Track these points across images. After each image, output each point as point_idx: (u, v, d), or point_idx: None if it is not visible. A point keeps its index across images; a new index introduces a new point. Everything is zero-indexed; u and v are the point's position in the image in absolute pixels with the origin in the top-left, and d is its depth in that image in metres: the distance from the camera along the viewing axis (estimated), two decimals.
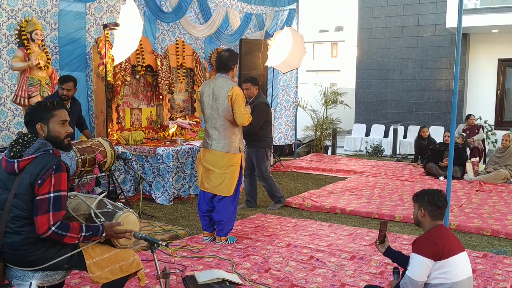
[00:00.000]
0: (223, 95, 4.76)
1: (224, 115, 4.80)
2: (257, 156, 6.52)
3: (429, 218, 3.00)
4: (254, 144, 6.52)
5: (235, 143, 4.89)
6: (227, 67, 4.90)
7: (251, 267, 4.28)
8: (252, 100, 6.40)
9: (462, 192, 7.78)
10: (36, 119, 2.77)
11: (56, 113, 2.80)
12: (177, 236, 5.18)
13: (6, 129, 6.75)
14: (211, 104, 4.83)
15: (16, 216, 2.63)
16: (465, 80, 13.68)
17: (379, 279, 4.05)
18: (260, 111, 6.26)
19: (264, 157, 6.53)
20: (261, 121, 6.33)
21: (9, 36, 6.59)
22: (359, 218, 6.23)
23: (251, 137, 6.41)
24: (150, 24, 8.46)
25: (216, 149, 4.84)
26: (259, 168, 6.55)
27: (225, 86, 4.79)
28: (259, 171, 6.56)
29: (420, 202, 3.04)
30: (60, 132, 2.80)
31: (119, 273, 2.87)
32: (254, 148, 6.54)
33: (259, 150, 6.51)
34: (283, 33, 9.55)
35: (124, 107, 7.94)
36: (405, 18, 14.28)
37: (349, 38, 36.77)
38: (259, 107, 6.29)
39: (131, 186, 7.03)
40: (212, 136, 4.87)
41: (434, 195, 3.01)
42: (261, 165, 6.53)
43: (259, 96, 6.48)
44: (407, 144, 13.50)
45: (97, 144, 5.61)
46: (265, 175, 6.58)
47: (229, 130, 4.85)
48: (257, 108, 6.24)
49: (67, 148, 2.88)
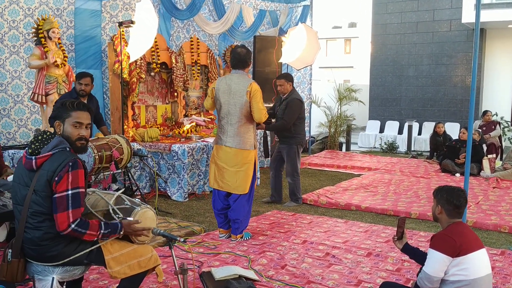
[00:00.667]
0: (242, 91, 4.76)
1: (242, 111, 4.80)
2: (288, 153, 6.51)
3: (446, 216, 2.97)
4: (286, 141, 6.51)
5: (250, 140, 4.90)
6: (245, 63, 4.90)
7: (267, 264, 4.29)
8: (286, 96, 6.44)
9: (479, 189, 7.71)
10: (56, 117, 2.81)
11: (72, 114, 2.78)
12: (193, 232, 5.20)
13: (24, 126, 6.83)
14: (228, 100, 4.83)
15: (36, 211, 2.66)
16: (481, 76, 13.54)
17: (396, 276, 4.04)
18: (293, 107, 6.30)
19: (295, 154, 6.51)
20: (294, 117, 6.34)
21: (26, 34, 6.67)
22: (375, 215, 6.20)
23: (284, 133, 6.45)
24: (164, 21, 8.50)
25: (231, 145, 4.84)
26: (291, 165, 6.53)
27: (243, 82, 4.80)
28: (290, 168, 6.55)
29: (438, 199, 3.01)
30: (72, 133, 2.77)
31: (137, 268, 2.89)
32: (286, 145, 6.52)
33: (291, 147, 6.49)
34: (297, 29, 9.51)
35: (139, 104, 7.98)
36: (420, 14, 14.16)
37: (363, 34, 36.57)
38: (293, 103, 6.32)
39: (147, 183, 7.08)
40: (227, 133, 4.86)
41: (453, 193, 2.97)
42: (293, 162, 6.51)
43: (293, 92, 6.49)
44: (422, 140, 13.39)
45: (113, 141, 5.65)
46: (294, 173, 6.56)
47: (245, 127, 4.85)
48: (290, 104, 6.30)
49: (79, 151, 2.82)
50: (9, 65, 6.60)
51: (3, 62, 6.54)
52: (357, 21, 41.65)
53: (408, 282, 3.86)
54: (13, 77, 6.66)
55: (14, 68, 6.65)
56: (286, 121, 6.22)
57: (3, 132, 6.63)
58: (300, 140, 6.59)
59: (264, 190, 7.57)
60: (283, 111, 6.36)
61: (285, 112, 6.33)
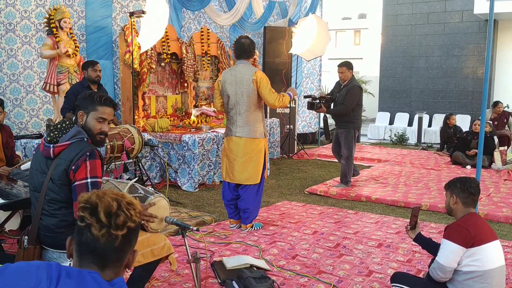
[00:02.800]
0: (248, 80, 4.77)
1: (249, 99, 4.81)
2: (346, 137, 6.82)
3: (461, 205, 2.96)
4: (344, 125, 6.84)
5: (260, 129, 4.90)
6: (249, 53, 4.93)
7: (278, 254, 4.31)
8: (346, 83, 6.78)
9: (490, 181, 7.67)
10: (81, 106, 2.78)
11: (99, 108, 2.77)
12: (204, 222, 5.23)
13: (36, 116, 6.88)
14: (235, 90, 4.84)
15: (52, 199, 2.68)
16: (493, 68, 13.41)
17: (407, 267, 4.04)
18: (353, 94, 6.66)
19: (353, 138, 6.85)
20: (354, 103, 6.69)
21: (38, 25, 6.69)
22: (385, 206, 6.20)
23: (343, 118, 6.80)
24: (176, 12, 8.49)
25: (241, 135, 4.85)
26: (347, 148, 6.84)
27: (248, 70, 4.82)
28: (346, 151, 6.85)
29: (452, 189, 3.01)
30: (95, 127, 2.77)
31: (151, 256, 2.92)
32: (344, 129, 6.85)
33: (349, 131, 6.82)
34: (307, 20, 9.47)
35: (150, 94, 8.00)
36: (431, 4, 14.01)
37: (373, 25, 36.32)
38: (353, 89, 6.68)
39: (157, 173, 7.11)
40: (237, 123, 4.87)
41: (466, 182, 2.98)
42: (349, 145, 6.84)
43: (353, 79, 6.84)
44: (432, 132, 13.31)
45: (125, 131, 5.67)
46: (349, 156, 6.89)
47: (254, 115, 4.86)
48: (351, 91, 6.66)
49: (98, 144, 2.83)
50: (21, 55, 6.64)
51: (15, 52, 6.58)
52: (367, 12, 41.32)
53: (419, 273, 3.86)
54: (25, 67, 6.69)
55: (26, 58, 6.69)
56: (347, 106, 6.61)
57: (15, 122, 6.68)
58: (358, 125, 6.94)
59: (274, 181, 7.58)
60: (344, 97, 6.70)
61: (346, 98, 6.66)
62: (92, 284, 1.35)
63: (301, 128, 11.68)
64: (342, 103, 6.69)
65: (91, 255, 1.42)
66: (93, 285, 1.35)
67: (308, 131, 11.94)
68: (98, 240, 1.39)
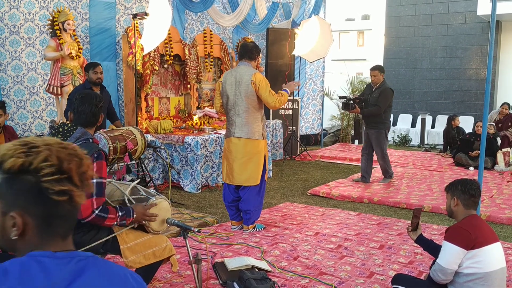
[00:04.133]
0: (246, 80, 4.80)
1: (248, 100, 4.83)
2: (378, 137, 7.20)
3: (462, 207, 2.97)
4: (375, 126, 7.19)
5: (258, 130, 4.92)
6: (251, 54, 4.96)
7: (280, 255, 4.32)
8: (378, 86, 7.13)
9: (492, 182, 7.66)
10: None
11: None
12: (206, 223, 5.24)
13: (39, 118, 6.91)
14: (234, 91, 4.87)
15: None
16: (496, 69, 13.37)
17: (408, 268, 4.04)
18: (386, 96, 7.03)
19: (384, 138, 7.25)
20: (386, 104, 7.07)
21: (41, 27, 6.73)
22: (387, 208, 6.20)
23: (375, 118, 7.14)
24: (178, 13, 8.51)
25: (240, 136, 4.87)
26: (380, 148, 7.25)
27: (248, 72, 4.85)
28: (380, 151, 7.27)
29: (452, 191, 3.01)
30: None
31: (152, 258, 2.93)
32: (375, 130, 7.21)
33: (380, 131, 7.19)
34: (310, 21, 9.48)
35: (153, 96, 8.02)
36: (434, 6, 14.00)
37: (376, 26, 36.25)
38: (386, 91, 7.05)
39: (160, 174, 7.13)
40: (235, 124, 4.89)
41: (467, 184, 2.98)
42: (382, 145, 7.24)
43: (385, 82, 7.21)
44: (435, 134, 13.29)
45: (128, 132, 5.69)
46: (384, 155, 7.29)
47: (253, 117, 4.88)
48: (384, 93, 7.02)
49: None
50: (25, 57, 6.68)
51: (19, 54, 6.62)
52: (370, 13, 41.29)
53: (420, 274, 3.86)
54: (29, 69, 6.73)
55: (30, 60, 6.72)
56: (380, 107, 6.98)
57: (19, 123, 6.71)
58: (388, 126, 7.32)
59: (277, 183, 7.59)
60: (376, 98, 7.06)
61: (378, 99, 7.02)
62: (37, 273, 1.07)
63: (304, 129, 11.68)
64: (375, 104, 7.03)
65: (63, 228, 1.16)
66: (38, 274, 1.06)
67: (311, 133, 11.94)
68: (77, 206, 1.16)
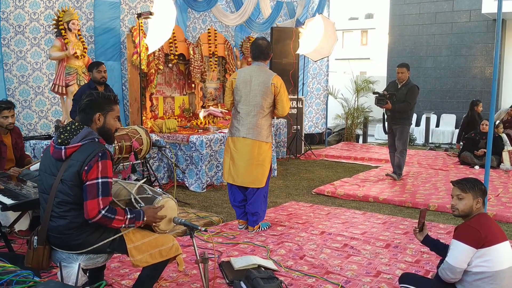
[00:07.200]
0: (265, 83, 4.74)
1: (264, 103, 4.78)
2: (402, 132, 7.42)
3: (482, 207, 2.98)
4: (401, 121, 7.40)
5: (267, 132, 4.89)
6: (266, 55, 4.92)
7: (286, 254, 4.31)
8: (405, 83, 7.38)
9: (498, 181, 7.63)
10: (96, 108, 2.84)
11: (115, 107, 2.91)
12: (211, 222, 5.24)
13: (44, 118, 6.92)
14: (249, 91, 4.80)
15: (62, 201, 2.70)
16: (501, 67, 13.33)
17: (415, 267, 4.02)
18: (414, 92, 7.32)
19: (407, 133, 7.54)
20: (415, 100, 7.38)
21: (46, 26, 6.74)
22: (393, 207, 6.18)
23: (401, 114, 7.34)
24: (181, 12, 8.50)
25: (249, 136, 4.81)
26: (403, 142, 7.44)
27: (266, 74, 4.80)
28: (401, 145, 7.44)
29: (476, 192, 2.96)
30: (114, 126, 2.91)
31: (159, 257, 2.93)
32: (400, 125, 7.41)
33: (404, 127, 7.43)
34: (314, 20, 9.47)
35: (157, 95, 8.03)
36: (439, 4, 13.96)
37: (380, 25, 36.23)
38: (414, 88, 7.31)
39: (165, 174, 7.14)
40: (246, 124, 4.82)
41: (481, 183, 3.01)
42: (404, 140, 7.46)
43: (410, 79, 7.46)
44: (440, 132, 13.27)
45: (133, 131, 5.71)
46: (404, 150, 7.49)
47: (265, 119, 4.84)
48: (411, 89, 7.29)
49: (111, 141, 2.97)
50: (30, 57, 6.69)
51: (24, 54, 6.63)
52: (374, 12, 41.24)
53: (427, 273, 3.85)
54: (34, 68, 6.74)
55: (35, 60, 6.73)
56: (409, 103, 7.24)
57: (24, 123, 6.73)
58: (411, 122, 7.64)
59: (282, 182, 7.58)
60: (405, 95, 7.28)
61: (407, 96, 7.26)
62: None
63: (308, 128, 11.67)
64: (405, 100, 7.24)
65: None
66: None
67: (315, 132, 11.93)
68: None
